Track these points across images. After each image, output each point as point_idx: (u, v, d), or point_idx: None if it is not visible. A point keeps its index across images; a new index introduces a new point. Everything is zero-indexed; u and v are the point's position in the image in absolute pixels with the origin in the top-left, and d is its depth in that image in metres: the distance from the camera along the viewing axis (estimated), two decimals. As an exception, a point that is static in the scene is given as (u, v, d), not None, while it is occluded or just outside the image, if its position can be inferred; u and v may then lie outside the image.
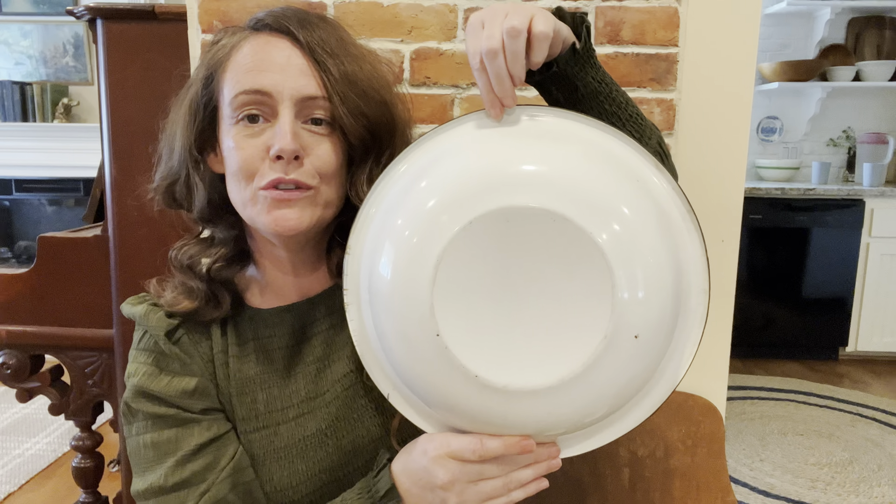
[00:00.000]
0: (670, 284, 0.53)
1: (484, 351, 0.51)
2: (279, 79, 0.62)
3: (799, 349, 3.47)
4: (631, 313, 0.50)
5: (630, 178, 0.55)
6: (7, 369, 1.50)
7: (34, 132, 3.70)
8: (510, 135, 0.57)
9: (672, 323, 0.55)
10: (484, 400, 0.52)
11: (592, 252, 0.49)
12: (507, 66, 0.55)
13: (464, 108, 1.20)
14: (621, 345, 0.50)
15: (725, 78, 1.17)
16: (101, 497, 1.66)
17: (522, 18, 0.54)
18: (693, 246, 0.55)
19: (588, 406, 0.53)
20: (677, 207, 0.56)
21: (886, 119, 3.77)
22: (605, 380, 0.52)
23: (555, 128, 0.57)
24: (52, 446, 2.42)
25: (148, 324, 0.68)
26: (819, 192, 3.29)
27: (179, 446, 0.65)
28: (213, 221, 0.70)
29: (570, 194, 0.51)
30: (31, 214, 3.99)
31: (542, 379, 0.51)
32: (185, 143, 0.67)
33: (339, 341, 0.72)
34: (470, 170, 0.54)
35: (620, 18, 1.16)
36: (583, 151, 0.55)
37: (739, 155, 1.18)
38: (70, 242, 1.45)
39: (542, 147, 0.55)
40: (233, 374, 0.69)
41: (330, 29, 0.65)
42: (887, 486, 2.22)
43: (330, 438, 0.69)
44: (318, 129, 0.64)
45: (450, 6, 1.17)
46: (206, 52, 0.68)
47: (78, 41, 3.75)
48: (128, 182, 1.34)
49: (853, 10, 3.65)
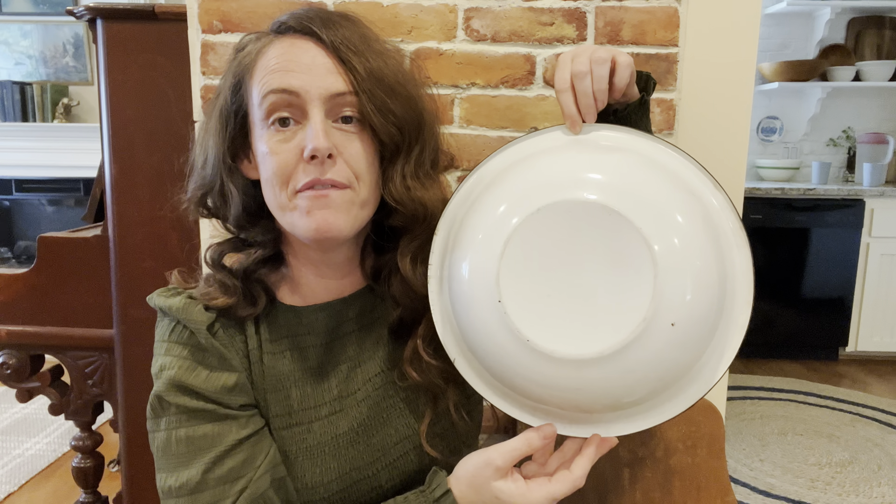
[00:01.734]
0: (714, 288, 0.59)
1: (537, 321, 0.59)
2: (306, 79, 0.62)
3: (799, 349, 3.47)
4: (670, 303, 0.57)
5: (685, 191, 0.62)
6: (7, 369, 1.50)
7: (34, 132, 3.70)
8: (583, 145, 0.66)
9: (712, 324, 0.60)
10: (532, 363, 0.60)
11: (642, 248, 0.57)
12: (593, 85, 0.64)
13: (464, 108, 1.20)
14: (658, 330, 0.57)
15: (725, 78, 1.17)
16: (101, 497, 1.66)
17: (608, 52, 0.65)
18: (741, 259, 0.62)
19: (625, 385, 0.59)
20: (730, 222, 0.62)
21: (886, 119, 3.77)
22: (642, 361, 0.58)
23: (622, 143, 0.65)
24: (52, 446, 2.42)
25: (188, 317, 0.66)
26: (819, 192, 3.29)
27: (217, 442, 0.64)
28: (250, 228, 0.70)
29: (628, 196, 0.58)
30: (31, 214, 3.99)
31: (584, 350, 0.57)
32: (218, 153, 0.67)
33: (370, 342, 0.73)
34: (542, 171, 0.63)
35: (620, 18, 1.16)
36: (645, 163, 0.63)
37: (739, 155, 1.18)
38: (70, 242, 1.45)
39: (608, 157, 0.63)
40: (267, 371, 0.69)
41: (353, 27, 0.66)
42: (887, 486, 2.22)
43: (361, 437, 0.70)
44: (348, 128, 0.64)
45: (450, 6, 1.17)
46: (231, 61, 0.68)
47: (78, 41, 3.75)
48: (128, 182, 1.34)
49: (853, 10, 3.65)
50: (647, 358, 0.58)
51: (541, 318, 0.59)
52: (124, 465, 1.44)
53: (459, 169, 1.21)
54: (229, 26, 1.18)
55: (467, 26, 1.17)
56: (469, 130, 1.20)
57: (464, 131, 1.21)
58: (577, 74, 0.64)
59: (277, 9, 1.17)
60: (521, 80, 1.19)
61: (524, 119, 1.19)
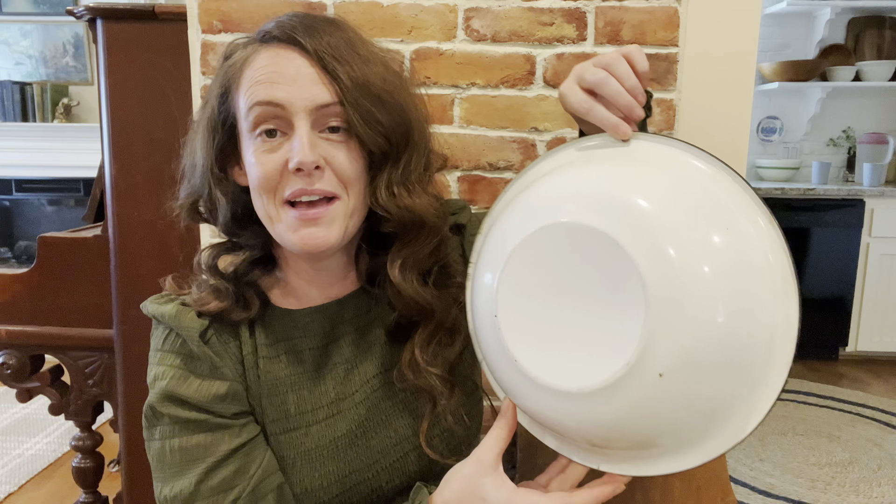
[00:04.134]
0: (732, 344, 0.52)
1: (528, 341, 0.57)
2: (291, 91, 0.61)
3: (799, 349, 3.41)
4: (662, 352, 0.51)
5: (723, 226, 0.54)
6: (7, 369, 1.50)
7: (34, 132, 3.70)
8: (624, 157, 0.60)
9: (728, 384, 0.53)
10: (519, 381, 0.59)
11: (636, 286, 0.52)
12: (623, 83, 0.59)
13: (464, 109, 1.20)
14: (643, 379, 0.52)
15: (725, 78, 1.17)
16: (101, 497, 1.66)
17: (612, 53, 0.61)
18: (786, 311, 0.53)
19: (610, 426, 0.55)
20: (777, 267, 0.53)
21: (886, 119, 3.76)
22: (622, 408, 0.53)
23: (666, 158, 0.59)
24: (52, 446, 2.42)
25: (180, 324, 0.66)
26: (819, 192, 3.29)
27: (210, 452, 0.64)
28: (239, 233, 0.70)
29: (639, 227, 0.52)
30: (31, 214, 3.99)
31: (563, 383, 0.55)
32: (206, 162, 0.67)
33: (367, 343, 0.73)
34: (570, 182, 0.59)
35: (620, 18, 1.16)
36: (684, 187, 0.56)
37: (739, 155, 1.18)
38: (70, 242, 1.45)
39: (644, 174, 0.57)
40: (263, 375, 0.69)
41: (338, 32, 0.65)
42: (887, 486, 2.22)
43: (359, 439, 0.70)
44: (335, 137, 0.63)
45: (450, 6, 1.17)
46: (219, 69, 0.68)
47: (78, 41, 3.75)
48: (128, 182, 1.34)
49: (853, 10, 3.65)
50: (628, 406, 0.53)
51: (532, 340, 0.57)
52: (124, 465, 1.44)
53: (459, 169, 1.21)
54: (229, 26, 1.18)
55: (467, 26, 1.17)
56: (469, 130, 1.20)
57: (464, 131, 1.21)
58: (597, 83, 0.60)
59: (277, 9, 1.17)
60: (521, 80, 1.19)
61: (524, 119, 1.19)
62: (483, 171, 1.21)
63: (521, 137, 1.20)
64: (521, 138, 1.20)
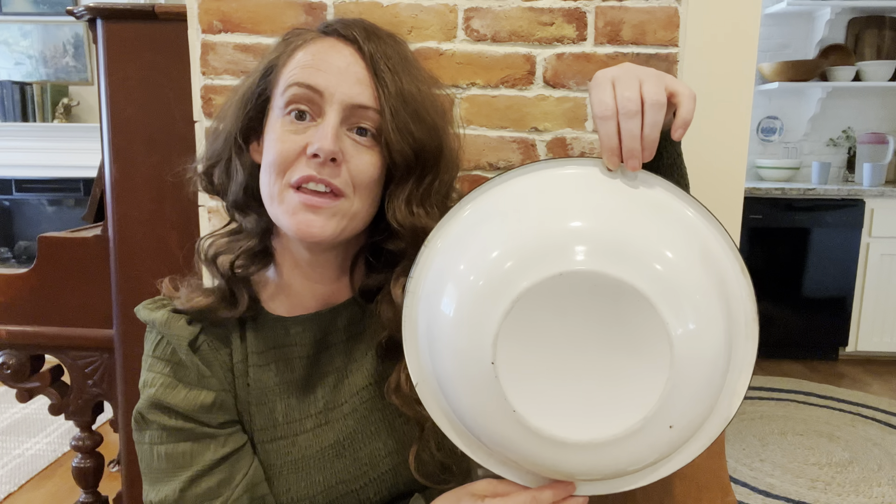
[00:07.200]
0: (719, 389, 0.56)
1: (528, 391, 0.53)
2: (334, 81, 0.62)
3: (799, 349, 3.47)
4: (675, 407, 0.52)
5: (719, 279, 0.56)
6: (7, 369, 1.49)
7: (34, 132, 3.70)
8: (621, 195, 0.58)
9: (705, 420, 0.58)
10: (513, 432, 0.55)
11: (663, 344, 0.51)
12: (644, 129, 0.56)
13: (464, 108, 1.20)
14: (655, 431, 0.53)
15: (725, 78, 1.17)
16: (101, 497, 1.66)
17: (661, 86, 0.56)
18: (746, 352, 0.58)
19: (607, 466, 0.56)
20: (747, 312, 0.58)
21: (886, 119, 3.76)
22: (630, 452, 0.55)
23: (666, 203, 0.58)
24: (52, 446, 2.42)
25: (169, 332, 0.66)
26: (819, 192, 3.29)
27: (195, 461, 0.64)
28: (245, 211, 0.70)
29: (663, 280, 0.52)
30: (31, 214, 3.99)
31: (571, 435, 0.53)
32: (233, 129, 0.68)
33: (358, 353, 0.72)
34: (566, 219, 0.55)
35: (620, 18, 1.16)
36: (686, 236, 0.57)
37: (739, 155, 1.18)
38: (70, 242, 1.45)
39: (648, 219, 0.56)
40: (252, 384, 0.69)
41: (396, 46, 0.66)
42: (887, 486, 2.22)
43: (347, 450, 0.69)
44: (361, 140, 0.64)
45: (450, 6, 1.17)
46: (272, 49, 0.69)
47: (78, 41, 3.75)
48: (128, 182, 1.34)
49: (853, 10, 3.65)
50: (635, 450, 0.54)
51: (533, 389, 0.53)
52: (124, 465, 1.44)
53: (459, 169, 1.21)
54: (229, 26, 1.18)
55: (467, 26, 1.17)
56: (469, 130, 1.20)
57: (464, 131, 1.21)
58: (626, 113, 0.56)
59: (278, 9, 1.17)
60: (521, 80, 1.19)
61: (524, 119, 1.19)
62: (483, 171, 1.21)
63: (521, 137, 1.20)
64: (521, 138, 1.20)
